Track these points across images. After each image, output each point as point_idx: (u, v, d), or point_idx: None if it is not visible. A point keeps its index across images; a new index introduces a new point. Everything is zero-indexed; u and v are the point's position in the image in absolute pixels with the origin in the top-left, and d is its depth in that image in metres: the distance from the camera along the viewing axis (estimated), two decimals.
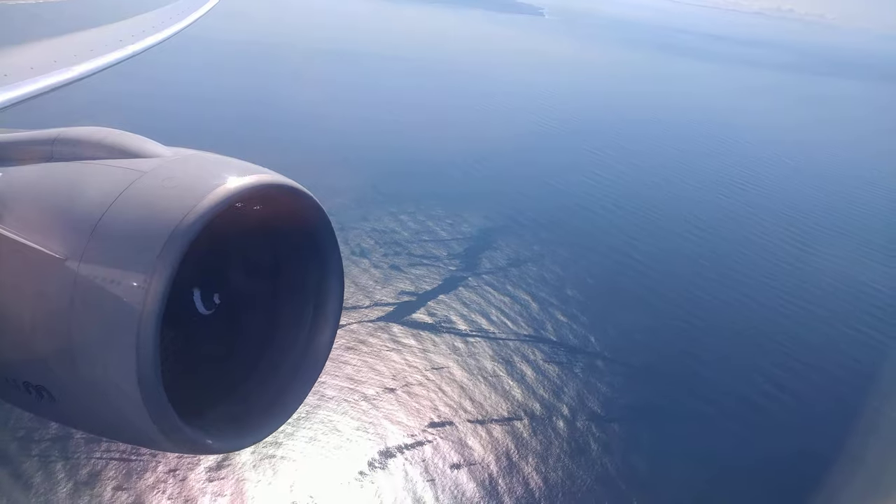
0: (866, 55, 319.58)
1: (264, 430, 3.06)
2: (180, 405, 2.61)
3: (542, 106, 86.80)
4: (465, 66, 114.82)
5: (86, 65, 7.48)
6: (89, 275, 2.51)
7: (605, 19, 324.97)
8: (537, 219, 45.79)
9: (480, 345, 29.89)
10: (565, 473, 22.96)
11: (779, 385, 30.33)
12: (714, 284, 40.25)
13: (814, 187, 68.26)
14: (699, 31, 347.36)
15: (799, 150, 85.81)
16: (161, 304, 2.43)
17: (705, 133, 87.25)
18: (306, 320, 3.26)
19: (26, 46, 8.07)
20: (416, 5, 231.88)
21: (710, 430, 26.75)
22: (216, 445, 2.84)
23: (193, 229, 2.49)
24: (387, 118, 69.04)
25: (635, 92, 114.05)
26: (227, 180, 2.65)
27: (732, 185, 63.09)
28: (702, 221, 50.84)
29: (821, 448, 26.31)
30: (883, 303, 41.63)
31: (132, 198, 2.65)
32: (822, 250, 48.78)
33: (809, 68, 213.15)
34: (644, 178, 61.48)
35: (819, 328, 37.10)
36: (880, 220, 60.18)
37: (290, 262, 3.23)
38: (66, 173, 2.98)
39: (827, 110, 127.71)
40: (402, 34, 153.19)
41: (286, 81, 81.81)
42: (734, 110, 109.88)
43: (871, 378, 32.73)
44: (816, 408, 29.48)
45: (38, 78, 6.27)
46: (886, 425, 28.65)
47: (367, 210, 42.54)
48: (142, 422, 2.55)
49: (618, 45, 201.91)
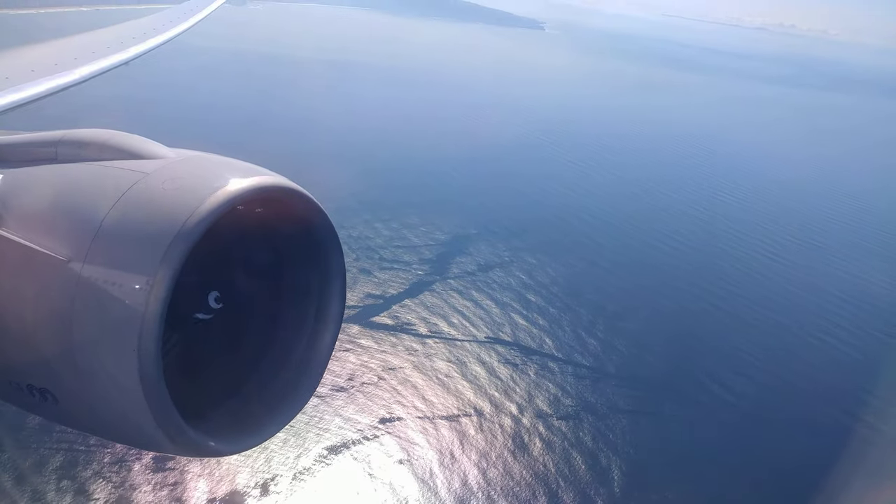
0: (863, 70, 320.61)
1: (267, 431, 3.05)
2: (183, 407, 2.61)
3: (530, 118, 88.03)
4: (457, 78, 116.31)
5: (87, 67, 7.48)
6: (92, 276, 2.51)
7: (605, 33, 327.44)
8: (509, 227, 46.77)
9: (438, 347, 30.73)
10: (504, 469, 23.74)
11: (728, 387, 31.06)
12: (681, 293, 41.07)
13: (794, 200, 69.07)
14: (699, 45, 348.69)
15: (782, 164, 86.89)
16: (163, 307, 2.44)
17: (690, 145, 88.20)
18: (308, 322, 3.26)
19: (28, 49, 8.15)
20: (422, 20, 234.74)
21: (655, 428, 27.50)
22: (219, 448, 2.84)
23: (196, 232, 2.49)
24: (374, 128, 70.25)
25: (625, 104, 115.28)
26: (229, 182, 2.65)
27: (712, 198, 63.99)
28: (676, 232, 51.63)
29: (757, 455, 27.03)
30: (848, 313, 42.34)
31: (135, 199, 2.65)
32: (793, 262, 49.61)
33: (800, 81, 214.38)
34: (622, 189, 62.49)
35: (781, 336, 37.83)
36: (857, 233, 60.97)
37: (292, 264, 3.22)
38: (69, 175, 2.98)
39: (816, 124, 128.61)
40: (402, 46, 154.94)
41: (281, 89, 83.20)
42: (722, 123, 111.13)
43: (831, 385, 33.45)
44: (770, 412, 30.19)
45: (41, 80, 6.28)
46: (831, 426, 29.35)
47: (344, 217, 43.34)
48: (145, 424, 2.55)
49: (613, 58, 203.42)
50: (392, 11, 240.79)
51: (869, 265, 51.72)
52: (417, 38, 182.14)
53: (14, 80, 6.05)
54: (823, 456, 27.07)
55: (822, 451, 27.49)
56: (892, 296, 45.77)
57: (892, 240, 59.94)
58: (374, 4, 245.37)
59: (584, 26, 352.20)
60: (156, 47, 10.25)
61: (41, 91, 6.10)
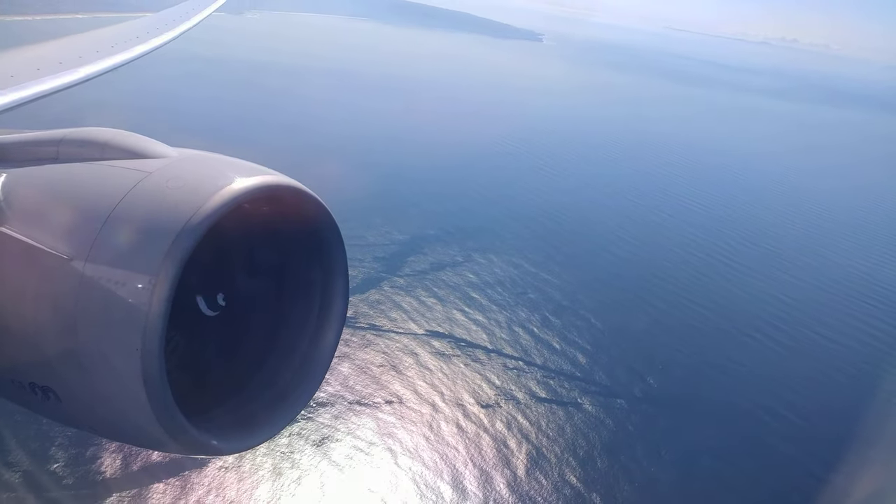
0: (860, 85, 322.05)
1: (269, 430, 3.07)
2: (186, 406, 2.62)
3: (508, 127, 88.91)
4: (441, 88, 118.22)
5: (91, 66, 7.44)
6: (95, 275, 2.51)
7: (603, 45, 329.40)
8: (465, 228, 48.09)
9: (375, 341, 31.91)
10: (416, 453, 24.90)
11: (662, 390, 32.19)
12: (620, 294, 42.25)
13: (757, 207, 70.23)
14: (701, 58, 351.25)
15: (748, 172, 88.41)
16: (166, 305, 2.45)
17: (665, 155, 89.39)
18: (311, 320, 3.28)
19: (32, 48, 8.14)
20: (421, 30, 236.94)
21: (585, 423, 28.61)
22: (222, 446, 2.86)
23: (199, 230, 2.50)
24: (353, 135, 71.41)
25: (608, 115, 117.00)
26: (232, 181, 2.66)
27: (677, 206, 65.28)
28: (633, 238, 52.90)
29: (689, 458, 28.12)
30: (781, 312, 43.37)
31: (138, 198, 2.65)
32: (741, 265, 50.75)
33: (793, 94, 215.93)
34: (585, 194, 63.91)
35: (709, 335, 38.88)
36: (826, 246, 62.02)
37: (295, 263, 3.23)
38: (71, 174, 2.99)
39: (805, 137, 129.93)
40: (393, 55, 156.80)
41: (268, 96, 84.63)
42: (700, 133, 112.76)
43: (745, 379, 34.45)
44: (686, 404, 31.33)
45: (44, 79, 6.28)
46: (740, 415, 30.44)
47: None
48: (148, 423, 2.56)
49: (605, 69, 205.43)
50: (391, 22, 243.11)
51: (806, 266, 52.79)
52: (410, 49, 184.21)
53: (19, 78, 6.04)
54: (729, 447, 28.37)
55: (728, 439, 28.73)
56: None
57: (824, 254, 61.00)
58: (373, 15, 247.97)
59: (583, 38, 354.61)
60: (160, 46, 10.22)
61: (46, 89, 6.12)
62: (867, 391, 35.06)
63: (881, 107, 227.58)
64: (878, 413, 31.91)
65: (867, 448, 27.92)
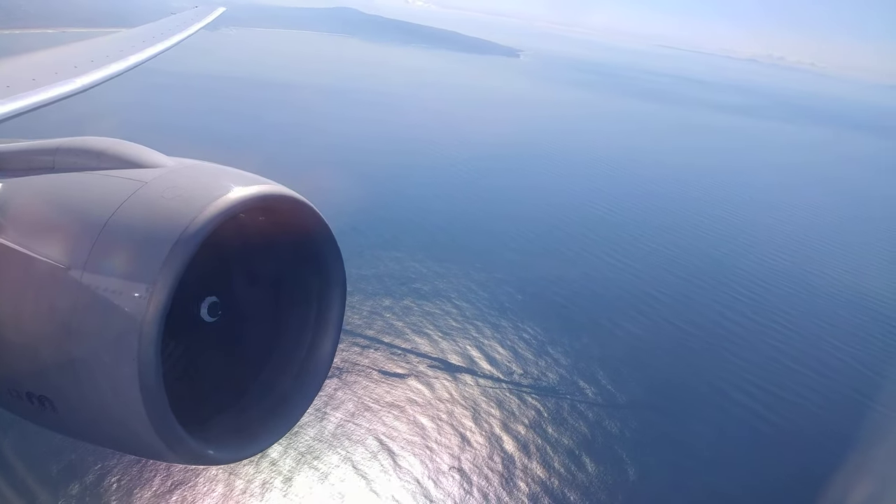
0: (839, 104, 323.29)
1: (266, 440, 3.07)
2: (183, 415, 2.62)
3: (459, 140, 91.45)
4: (404, 102, 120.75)
5: (87, 76, 7.47)
6: (92, 284, 2.51)
7: (579, 62, 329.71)
8: (385, 234, 49.57)
9: None
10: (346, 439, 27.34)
11: (606, 393, 34.20)
12: (551, 293, 44.58)
13: (698, 237, 71.64)
14: (682, 75, 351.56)
15: (692, 187, 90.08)
16: (163, 314, 2.44)
17: (620, 170, 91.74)
18: (308, 330, 3.27)
19: (28, 58, 8.14)
20: (399, 47, 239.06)
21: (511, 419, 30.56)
22: (219, 456, 2.85)
23: (196, 240, 2.50)
24: (321, 144, 73.81)
25: (570, 129, 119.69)
26: (229, 190, 2.66)
27: (623, 211, 68.40)
28: (583, 247, 55.55)
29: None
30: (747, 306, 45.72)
31: (134, 208, 2.65)
32: (687, 264, 53.72)
33: (762, 112, 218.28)
34: (523, 201, 66.32)
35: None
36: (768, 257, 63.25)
37: (292, 272, 3.24)
38: (68, 183, 2.99)
39: (776, 156, 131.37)
40: (365, 70, 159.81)
41: (246, 108, 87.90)
42: (658, 150, 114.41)
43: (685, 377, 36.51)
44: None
45: (40, 89, 6.27)
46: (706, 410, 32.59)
47: None
48: (144, 433, 2.55)
49: (569, 87, 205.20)
50: (370, 39, 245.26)
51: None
52: (384, 65, 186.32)
53: (15, 88, 6.05)
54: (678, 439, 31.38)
55: (677, 431, 31.90)
56: None
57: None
58: (353, 31, 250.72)
59: (560, 56, 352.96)
60: (155, 56, 10.31)
61: (42, 100, 6.10)
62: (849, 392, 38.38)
63: (853, 126, 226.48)
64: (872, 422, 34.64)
65: (867, 448, 29.97)
